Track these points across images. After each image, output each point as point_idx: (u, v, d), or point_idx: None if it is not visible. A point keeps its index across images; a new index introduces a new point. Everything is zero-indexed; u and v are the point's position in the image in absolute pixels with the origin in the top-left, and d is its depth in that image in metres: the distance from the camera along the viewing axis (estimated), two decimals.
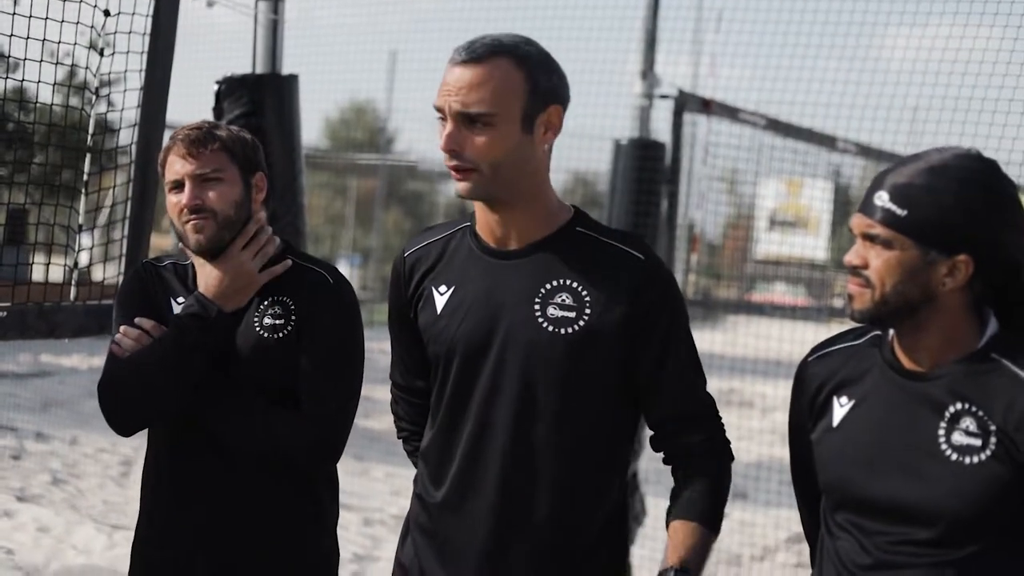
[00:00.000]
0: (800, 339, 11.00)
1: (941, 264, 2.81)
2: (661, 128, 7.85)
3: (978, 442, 2.79)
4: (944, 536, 2.79)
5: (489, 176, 3.05)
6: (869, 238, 2.83)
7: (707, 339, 12.33)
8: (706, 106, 8.12)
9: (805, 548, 9.30)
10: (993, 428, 2.79)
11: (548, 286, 3.10)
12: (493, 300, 3.12)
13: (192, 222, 3.56)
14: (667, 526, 3.18)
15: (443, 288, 3.19)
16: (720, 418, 3.24)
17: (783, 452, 3.24)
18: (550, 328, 3.08)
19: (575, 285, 3.10)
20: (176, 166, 3.56)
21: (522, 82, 3.04)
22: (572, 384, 3.09)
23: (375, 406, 12.75)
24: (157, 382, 3.50)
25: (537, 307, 3.09)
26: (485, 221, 3.17)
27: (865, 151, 11.66)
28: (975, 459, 2.78)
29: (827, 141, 10.82)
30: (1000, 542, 2.80)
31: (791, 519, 9.86)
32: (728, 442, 3.24)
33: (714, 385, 3.32)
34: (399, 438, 3.50)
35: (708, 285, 17.16)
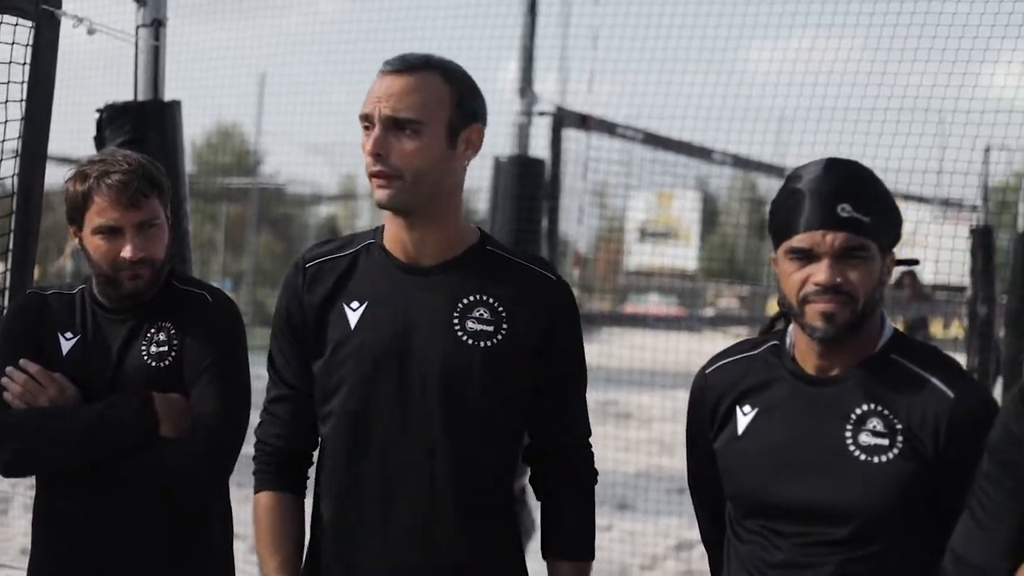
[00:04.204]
0: (675, 348, 11.13)
1: (885, 264, 2.92)
2: (542, 144, 7.92)
3: (885, 441, 2.87)
4: (855, 534, 2.86)
5: (410, 185, 3.09)
6: (847, 251, 2.86)
7: None
8: (584, 122, 8.20)
9: (693, 555, 9.46)
10: (899, 427, 2.87)
11: (465, 301, 3.14)
12: (410, 315, 3.14)
13: (134, 272, 3.58)
14: (546, 556, 3.27)
15: (355, 304, 3.19)
16: (591, 446, 3.34)
17: (665, 461, 3.31)
18: (469, 341, 3.11)
19: (491, 301, 3.14)
20: (112, 213, 3.56)
21: (450, 96, 3.12)
22: (490, 397, 3.12)
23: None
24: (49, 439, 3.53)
25: (456, 321, 3.13)
26: (398, 237, 3.20)
27: (735, 161, 11.84)
28: (883, 458, 2.86)
29: (697, 152, 10.97)
30: (906, 537, 2.88)
31: (679, 527, 9.96)
32: (596, 470, 3.33)
33: (592, 397, 3.37)
34: (261, 445, 3.34)
35: (582, 298, 17.29)
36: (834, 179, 2.88)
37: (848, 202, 2.85)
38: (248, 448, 3.43)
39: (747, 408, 3.04)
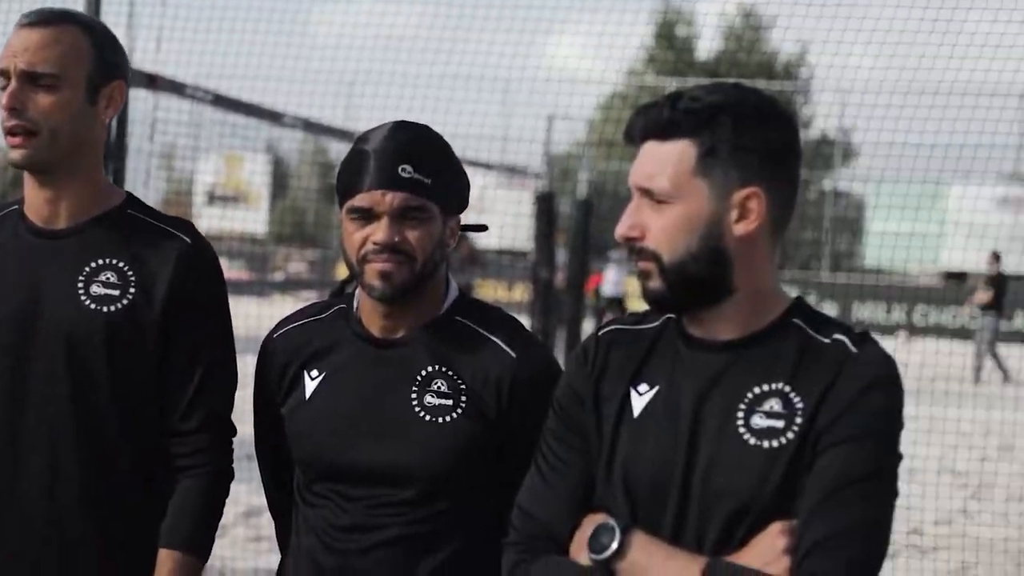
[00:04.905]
0: (243, 313, 11.03)
1: (448, 227, 2.95)
2: None
3: (449, 402, 2.92)
4: (420, 494, 2.90)
5: (48, 141, 3.00)
6: (406, 211, 2.87)
7: None
8: (151, 82, 8.01)
9: (262, 521, 9.47)
10: (464, 387, 2.92)
11: (93, 264, 3.05)
12: (35, 280, 3.04)
13: None
14: (159, 544, 3.10)
15: None
16: (230, 432, 3.18)
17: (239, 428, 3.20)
18: (92, 306, 3.02)
19: (120, 264, 3.05)
20: None
21: (89, 50, 3.04)
22: (115, 365, 3.03)
23: None
24: None
25: (81, 285, 3.03)
26: (33, 199, 3.10)
27: (305, 125, 11.87)
28: (447, 418, 2.91)
29: (267, 115, 10.95)
30: (472, 495, 2.94)
31: (248, 493, 9.90)
32: (231, 460, 3.18)
33: None
34: None
35: None
36: (398, 141, 2.90)
37: (410, 163, 2.87)
38: None
39: (315, 372, 3.02)
